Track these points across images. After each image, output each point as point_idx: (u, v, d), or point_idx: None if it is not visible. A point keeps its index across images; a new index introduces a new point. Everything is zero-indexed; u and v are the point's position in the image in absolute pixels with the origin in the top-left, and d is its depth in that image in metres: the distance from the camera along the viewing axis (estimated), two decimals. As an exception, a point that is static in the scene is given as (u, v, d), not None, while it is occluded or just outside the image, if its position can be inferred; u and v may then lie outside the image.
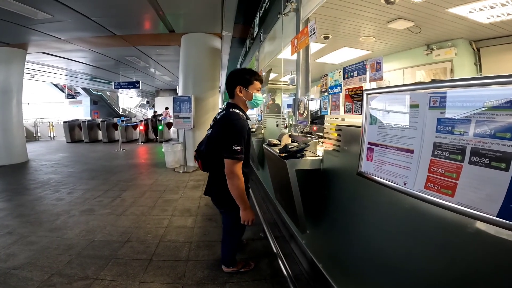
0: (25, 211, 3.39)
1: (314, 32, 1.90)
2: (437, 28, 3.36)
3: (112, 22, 5.20)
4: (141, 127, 10.81)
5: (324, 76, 1.71)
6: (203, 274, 2.06)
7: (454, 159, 0.73)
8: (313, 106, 4.10)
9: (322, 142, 1.77)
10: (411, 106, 0.85)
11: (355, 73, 1.36)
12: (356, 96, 1.31)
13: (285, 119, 2.83)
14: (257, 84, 1.72)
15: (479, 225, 0.75)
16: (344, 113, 1.43)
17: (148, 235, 2.71)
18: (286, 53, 2.97)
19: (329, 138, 1.66)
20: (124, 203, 3.66)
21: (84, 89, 18.08)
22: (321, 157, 1.72)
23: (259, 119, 4.46)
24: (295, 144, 1.69)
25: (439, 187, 0.76)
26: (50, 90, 18.71)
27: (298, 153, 1.61)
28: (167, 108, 12.91)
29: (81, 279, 1.98)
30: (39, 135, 12.39)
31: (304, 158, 1.66)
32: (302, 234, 2.01)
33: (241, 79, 1.72)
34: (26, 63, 7.22)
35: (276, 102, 4.68)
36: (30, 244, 2.51)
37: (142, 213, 3.29)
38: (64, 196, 3.96)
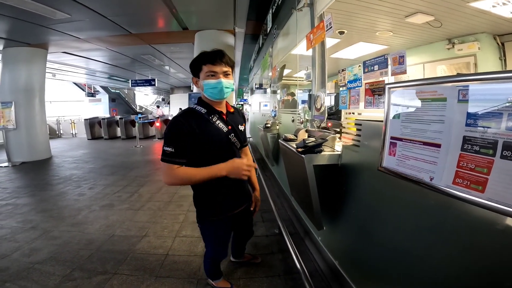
0: (48, 206, 3.52)
1: (331, 27, 1.87)
2: (459, 22, 3.22)
3: (128, 20, 5.31)
4: (157, 124, 11.04)
5: (343, 70, 1.67)
6: (218, 269, 2.09)
7: (485, 153, 0.70)
8: (327, 102, 4.05)
9: (340, 137, 1.75)
10: (438, 100, 0.82)
11: (376, 67, 1.33)
12: (377, 90, 1.28)
13: (299, 114, 2.81)
14: (205, 68, 1.30)
15: (510, 221, 0.72)
16: (365, 108, 1.40)
17: (165, 230, 2.76)
18: (300, 49, 2.94)
19: (347, 133, 1.63)
20: (142, 199, 3.75)
21: (103, 88, 18.61)
22: (339, 152, 1.69)
23: (273, 115, 4.45)
24: (313, 139, 1.67)
25: (469, 182, 0.73)
26: (71, 89, 19.36)
27: (316, 148, 1.59)
28: (158, 106, 13.48)
29: (101, 274, 2.03)
30: (61, 132, 12.94)
31: (322, 153, 1.64)
32: (318, 230, 2.00)
33: (190, 69, 1.38)
34: (47, 62, 7.49)
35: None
36: (53, 239, 2.60)
37: (158, 208, 3.37)
38: (85, 192, 4.10)
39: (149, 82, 11.30)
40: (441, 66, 3.95)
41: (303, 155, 1.57)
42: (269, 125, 3.94)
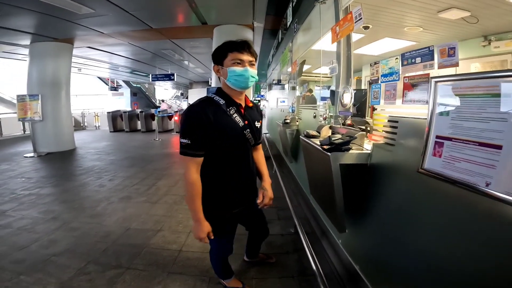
0: (70, 196, 3.62)
1: (361, 18, 1.77)
2: (496, 19, 3.02)
3: (149, 15, 5.38)
4: (176, 118, 11.23)
5: (375, 63, 1.57)
6: (230, 267, 2.05)
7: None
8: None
9: (367, 135, 1.64)
10: (499, 96, 0.72)
11: (418, 59, 1.22)
12: (419, 84, 1.17)
13: (318, 110, 2.71)
14: (231, 55, 1.23)
15: None
16: (403, 103, 1.29)
17: (180, 225, 2.76)
18: (323, 44, 2.84)
19: (378, 131, 1.52)
20: (159, 192, 3.79)
21: (125, 82, 19.20)
22: (369, 151, 1.58)
23: (291, 110, 4.36)
24: (339, 136, 1.57)
25: (535, 190, 0.64)
26: (95, 83, 20.10)
27: (343, 146, 1.49)
28: (163, 100, 13.56)
29: (114, 268, 2.04)
30: (86, 125, 13.46)
31: (350, 151, 1.54)
32: (340, 233, 1.91)
33: (213, 56, 1.32)
34: (73, 57, 7.76)
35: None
36: (72, 231, 2.64)
37: (174, 202, 3.38)
38: (106, 183, 4.20)
39: (168, 77, 11.50)
40: (475, 64, 3.71)
41: (328, 153, 1.48)
42: (288, 120, 3.86)
